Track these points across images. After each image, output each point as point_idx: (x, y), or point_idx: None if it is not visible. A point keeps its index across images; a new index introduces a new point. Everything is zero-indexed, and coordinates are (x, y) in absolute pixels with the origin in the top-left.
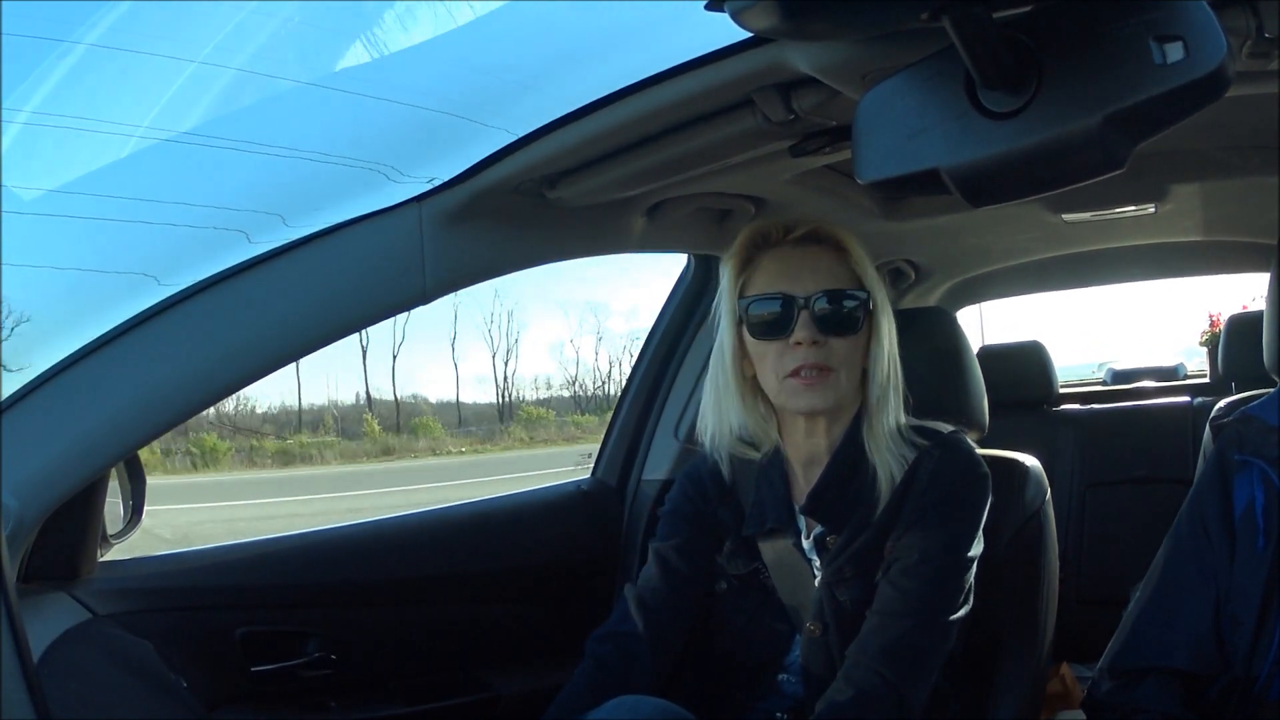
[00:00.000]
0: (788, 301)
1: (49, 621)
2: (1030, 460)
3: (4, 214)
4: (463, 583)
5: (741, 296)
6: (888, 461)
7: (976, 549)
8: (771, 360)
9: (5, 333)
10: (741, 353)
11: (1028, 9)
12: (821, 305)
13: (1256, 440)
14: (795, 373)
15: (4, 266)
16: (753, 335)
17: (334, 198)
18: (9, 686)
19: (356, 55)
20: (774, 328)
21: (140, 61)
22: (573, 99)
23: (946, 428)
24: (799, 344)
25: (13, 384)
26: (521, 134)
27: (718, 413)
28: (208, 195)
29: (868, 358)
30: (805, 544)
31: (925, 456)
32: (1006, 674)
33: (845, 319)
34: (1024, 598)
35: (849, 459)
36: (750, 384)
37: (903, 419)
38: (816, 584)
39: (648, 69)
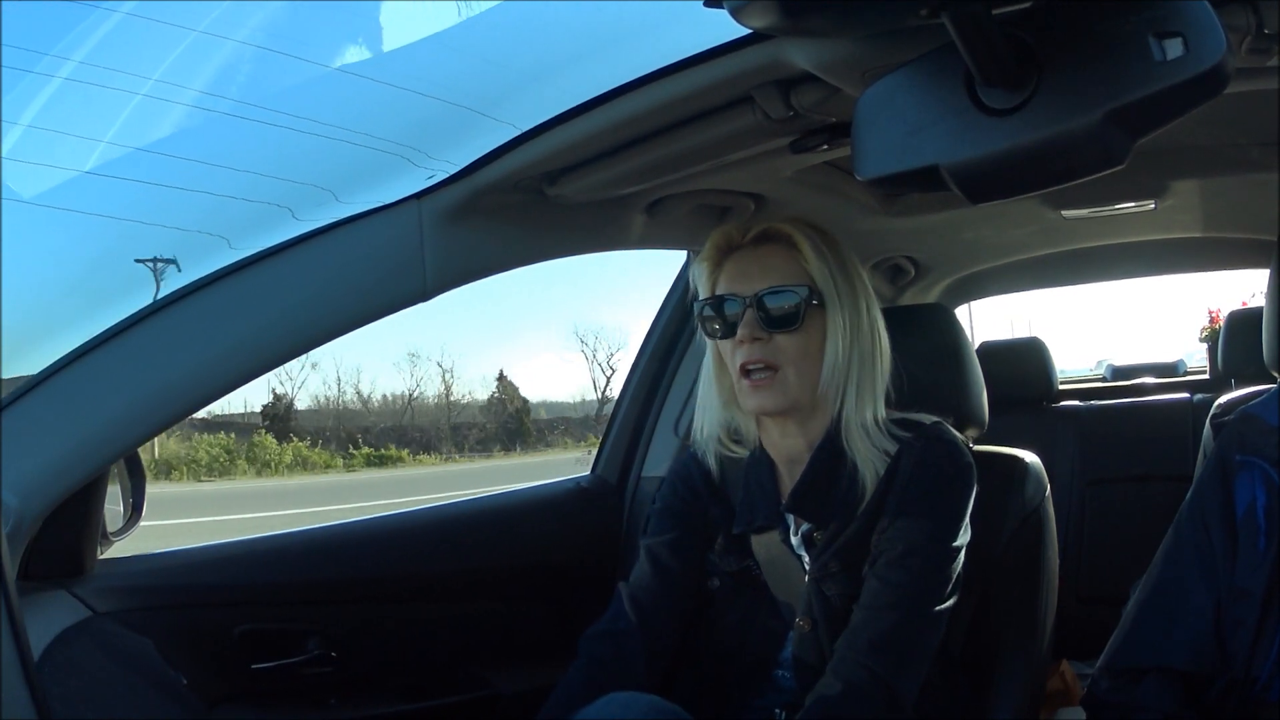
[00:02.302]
0: (736, 301)
1: (49, 619)
2: (1030, 457)
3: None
4: (463, 580)
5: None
6: (867, 456)
7: (963, 539)
8: (729, 360)
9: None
10: (720, 353)
11: (1027, 6)
12: (764, 302)
13: (1257, 440)
14: (745, 372)
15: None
16: (707, 336)
17: (373, 178)
18: (9, 684)
19: (359, 50)
20: (724, 327)
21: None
22: (573, 95)
23: (929, 419)
24: (742, 341)
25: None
26: (521, 130)
27: (703, 411)
28: (254, 167)
29: (823, 354)
30: (794, 540)
31: (908, 448)
32: (1006, 671)
33: (785, 315)
34: (1024, 595)
35: (829, 456)
36: (732, 383)
37: (881, 413)
38: (806, 579)
39: (647, 66)
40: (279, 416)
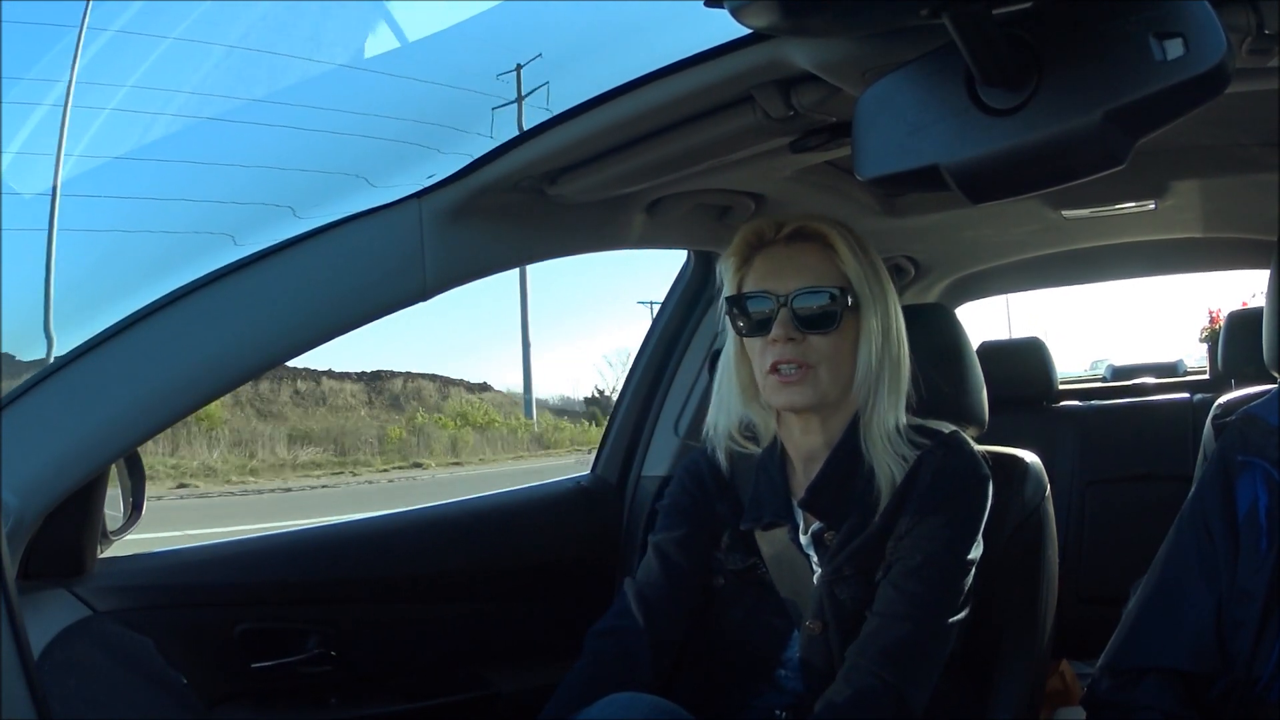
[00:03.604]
0: (770, 300)
1: (49, 618)
2: (1030, 457)
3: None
4: (463, 579)
5: (734, 295)
6: (886, 461)
7: (976, 552)
8: (756, 357)
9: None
10: (743, 349)
11: (1028, 5)
12: (799, 303)
13: (1259, 441)
14: (774, 369)
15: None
16: (738, 333)
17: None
18: (9, 683)
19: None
20: (757, 325)
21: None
22: (573, 95)
23: (948, 427)
24: (775, 341)
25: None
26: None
27: (719, 406)
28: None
29: (855, 355)
30: (803, 539)
31: (927, 456)
32: (1006, 671)
33: (822, 316)
34: (1024, 594)
35: (847, 456)
36: (752, 379)
37: (903, 419)
38: (815, 580)
39: (648, 65)
40: (604, 405)
